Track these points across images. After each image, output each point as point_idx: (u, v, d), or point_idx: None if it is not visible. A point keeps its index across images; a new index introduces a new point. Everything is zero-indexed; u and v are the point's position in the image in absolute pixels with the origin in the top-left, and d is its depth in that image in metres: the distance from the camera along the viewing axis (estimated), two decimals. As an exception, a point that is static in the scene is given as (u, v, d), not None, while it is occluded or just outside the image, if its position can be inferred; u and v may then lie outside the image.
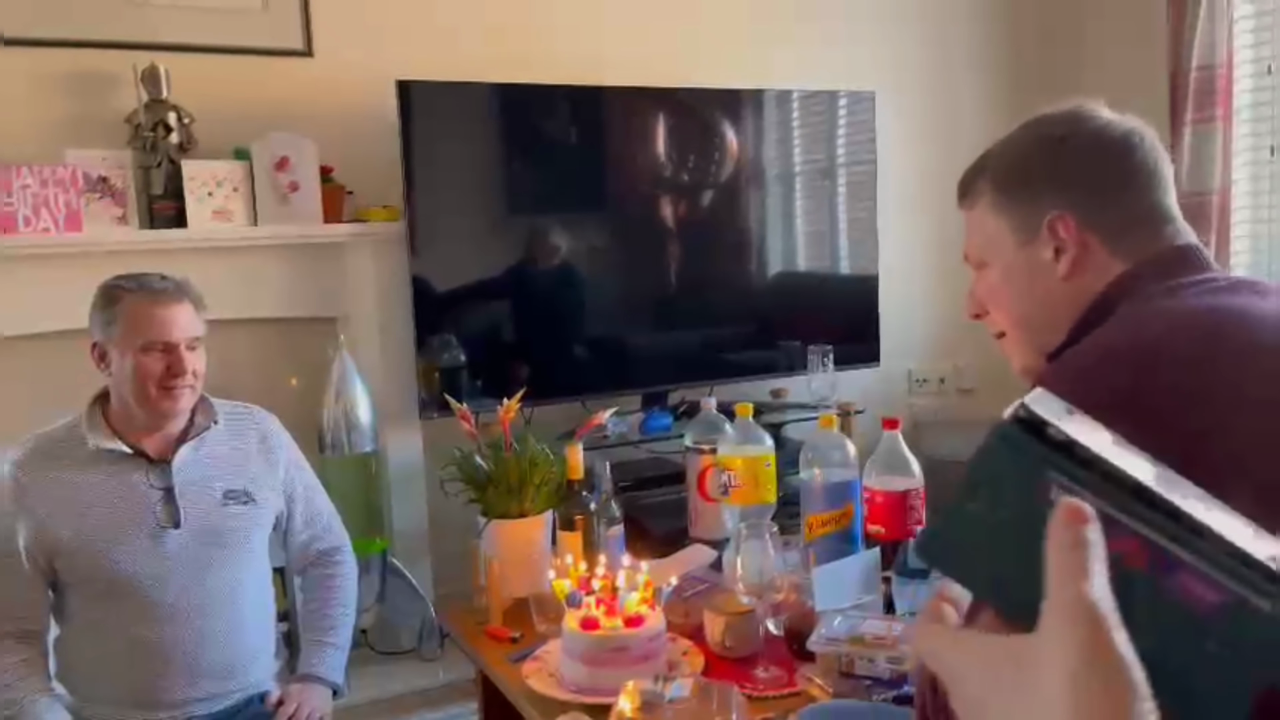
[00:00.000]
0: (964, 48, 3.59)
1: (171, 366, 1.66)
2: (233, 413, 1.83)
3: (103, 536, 1.64)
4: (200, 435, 1.74)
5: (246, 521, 1.74)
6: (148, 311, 1.67)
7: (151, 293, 1.69)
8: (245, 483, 1.76)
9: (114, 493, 1.67)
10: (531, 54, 2.84)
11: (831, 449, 1.72)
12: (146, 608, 1.65)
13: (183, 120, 2.41)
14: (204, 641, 1.68)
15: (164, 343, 1.66)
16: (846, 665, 1.35)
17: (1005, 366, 4.18)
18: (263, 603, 1.80)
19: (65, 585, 1.69)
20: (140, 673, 1.67)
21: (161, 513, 1.67)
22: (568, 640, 1.46)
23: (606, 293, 2.94)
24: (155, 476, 1.69)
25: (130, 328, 1.66)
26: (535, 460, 1.76)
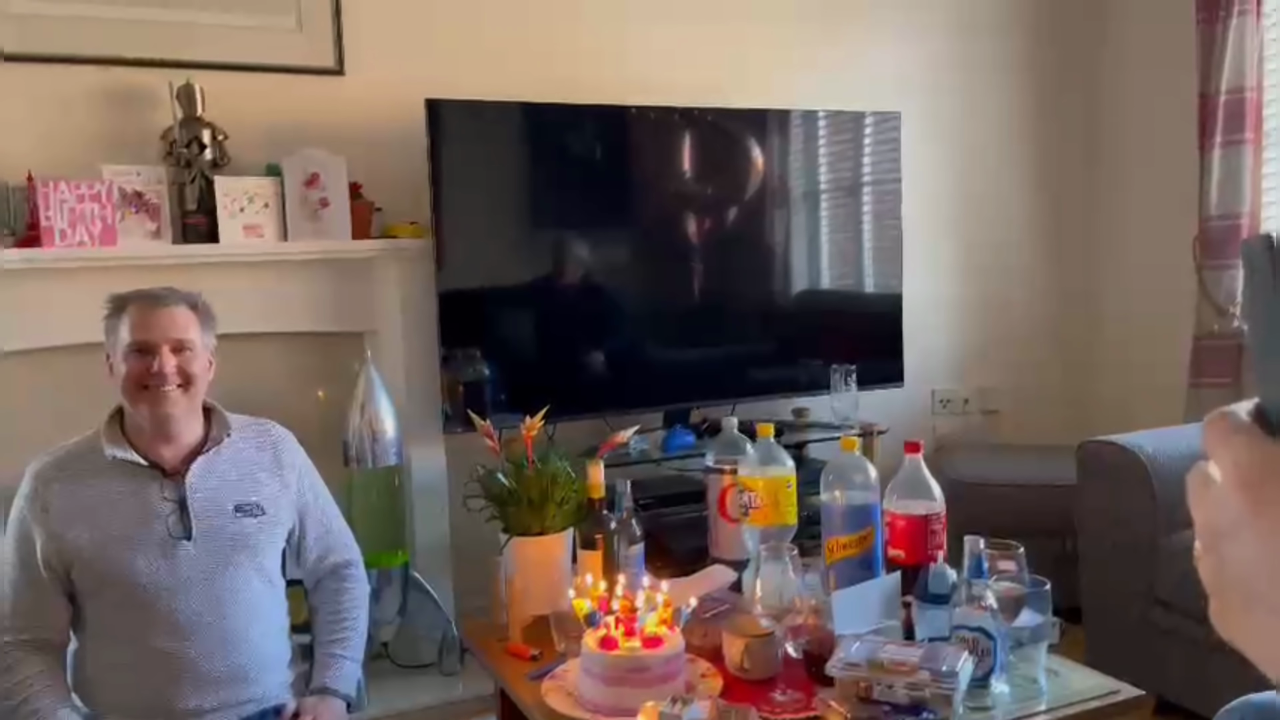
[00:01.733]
0: (989, 69, 3.59)
1: (149, 366, 1.67)
2: (247, 426, 1.85)
3: (118, 546, 1.66)
4: (214, 449, 1.76)
5: (258, 534, 1.75)
6: (137, 317, 1.70)
7: (148, 299, 1.72)
8: (257, 496, 1.77)
9: (129, 503, 1.69)
10: (558, 74, 2.87)
11: (853, 472, 1.72)
12: (160, 618, 1.66)
13: (216, 137, 2.46)
14: (217, 652, 1.69)
15: (143, 343, 1.68)
16: (865, 690, 1.35)
17: (1030, 389, 4.18)
18: (276, 615, 1.80)
19: (82, 595, 1.70)
20: (154, 682, 1.68)
21: (174, 524, 1.69)
22: (587, 660, 1.46)
23: (630, 310, 2.95)
24: (169, 489, 1.71)
25: (124, 333, 1.70)
26: (557, 478, 1.77)
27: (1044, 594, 1.51)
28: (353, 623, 1.87)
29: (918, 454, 1.67)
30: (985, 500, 2.97)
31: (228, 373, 2.59)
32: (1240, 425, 0.44)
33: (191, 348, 1.73)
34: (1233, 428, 0.44)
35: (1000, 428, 3.65)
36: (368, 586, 1.96)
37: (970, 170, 3.59)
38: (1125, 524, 2.41)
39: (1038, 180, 3.71)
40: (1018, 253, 3.69)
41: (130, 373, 1.68)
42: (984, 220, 3.62)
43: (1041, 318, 3.73)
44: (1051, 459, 3.18)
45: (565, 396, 2.73)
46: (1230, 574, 0.45)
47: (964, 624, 1.44)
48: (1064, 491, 2.86)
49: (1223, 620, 0.45)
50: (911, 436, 2.09)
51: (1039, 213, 3.72)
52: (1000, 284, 3.66)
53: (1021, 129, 3.67)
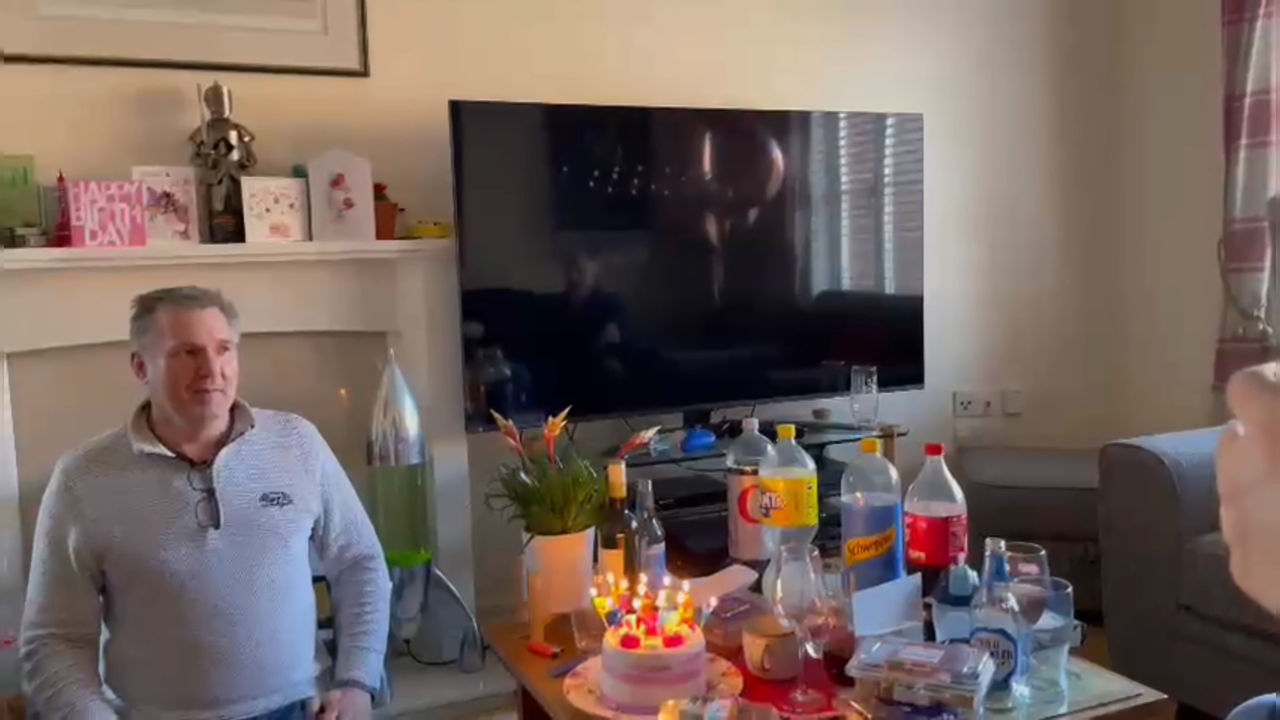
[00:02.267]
0: (1012, 70, 3.58)
1: (200, 369, 1.71)
2: (271, 419, 1.88)
3: (148, 537, 1.69)
4: (240, 438, 1.79)
5: (284, 523, 1.78)
6: (175, 318, 1.73)
7: (180, 300, 1.75)
8: (283, 486, 1.80)
9: (158, 495, 1.72)
10: (581, 75, 2.89)
11: (874, 473, 1.72)
12: (189, 608, 1.69)
13: (243, 138, 2.49)
14: (245, 642, 1.71)
15: (190, 345, 1.72)
16: (885, 691, 1.35)
17: (1052, 392, 4.16)
18: (303, 607, 1.83)
19: (114, 587, 1.73)
20: (183, 672, 1.70)
21: (202, 513, 1.72)
22: (609, 658, 1.47)
23: (651, 311, 2.97)
24: (197, 479, 1.74)
25: (160, 334, 1.72)
26: (579, 478, 1.78)
27: (1065, 597, 1.51)
28: (376, 616, 1.90)
29: (939, 455, 1.68)
30: (1007, 503, 2.96)
31: (253, 371, 2.62)
32: (1265, 383, 0.45)
33: (231, 348, 1.78)
34: (1258, 385, 0.46)
35: (1022, 430, 3.64)
36: (389, 581, 1.98)
37: (993, 171, 3.58)
38: (1148, 528, 2.40)
39: (1061, 181, 3.69)
40: (1040, 254, 3.67)
41: (178, 375, 1.72)
42: (1006, 221, 3.61)
43: (1064, 320, 3.71)
44: (1074, 462, 3.16)
45: (586, 396, 2.74)
46: (1252, 527, 0.46)
47: (985, 626, 1.44)
48: (1086, 495, 2.85)
49: (1244, 573, 0.46)
50: (932, 439, 2.09)
51: (1062, 214, 3.71)
52: (1022, 286, 3.64)
53: (1044, 130, 3.65)
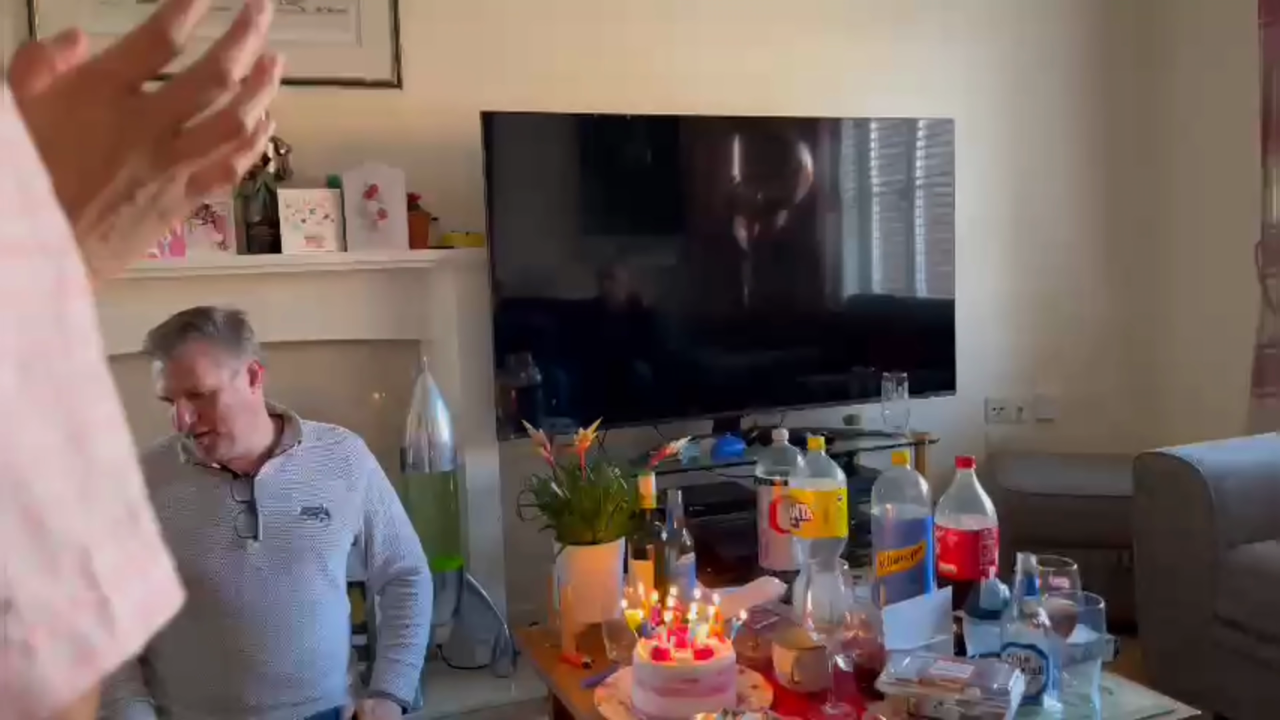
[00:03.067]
0: (1045, 74, 3.55)
1: (180, 413, 1.71)
2: (319, 433, 1.90)
3: (188, 544, 1.72)
4: (285, 453, 1.82)
5: (322, 538, 1.81)
6: (165, 366, 1.72)
7: (162, 346, 1.72)
8: (323, 501, 1.83)
9: (201, 503, 1.76)
10: (611, 85, 2.90)
11: (904, 485, 1.72)
12: (226, 616, 1.73)
13: (280, 150, 2.53)
14: (278, 652, 1.74)
15: (164, 395, 1.72)
16: (915, 706, 1.35)
17: (1086, 398, 4.12)
18: (337, 619, 1.85)
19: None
20: (218, 679, 1.74)
21: (242, 524, 1.76)
22: (640, 670, 1.49)
23: (681, 318, 2.98)
24: (238, 490, 1.77)
25: (161, 383, 1.73)
26: (609, 489, 1.80)
27: (1098, 611, 1.50)
28: (416, 629, 1.92)
29: (970, 468, 1.67)
30: (1040, 511, 2.93)
31: (288, 379, 2.67)
32: None
33: (204, 391, 1.71)
34: None
35: (1054, 437, 3.60)
36: (431, 596, 2.00)
37: (1024, 174, 3.55)
38: (1183, 538, 2.38)
39: (1095, 186, 3.66)
40: (1073, 258, 3.64)
41: (180, 422, 1.73)
42: (1038, 225, 3.58)
43: (1098, 325, 3.68)
44: (1108, 470, 3.13)
45: (616, 403, 2.76)
46: None
47: (1016, 641, 1.44)
48: (1121, 503, 2.82)
49: None
50: (963, 445, 2.09)
51: (1096, 219, 3.67)
52: (1055, 290, 3.61)
53: (1077, 133, 3.62)
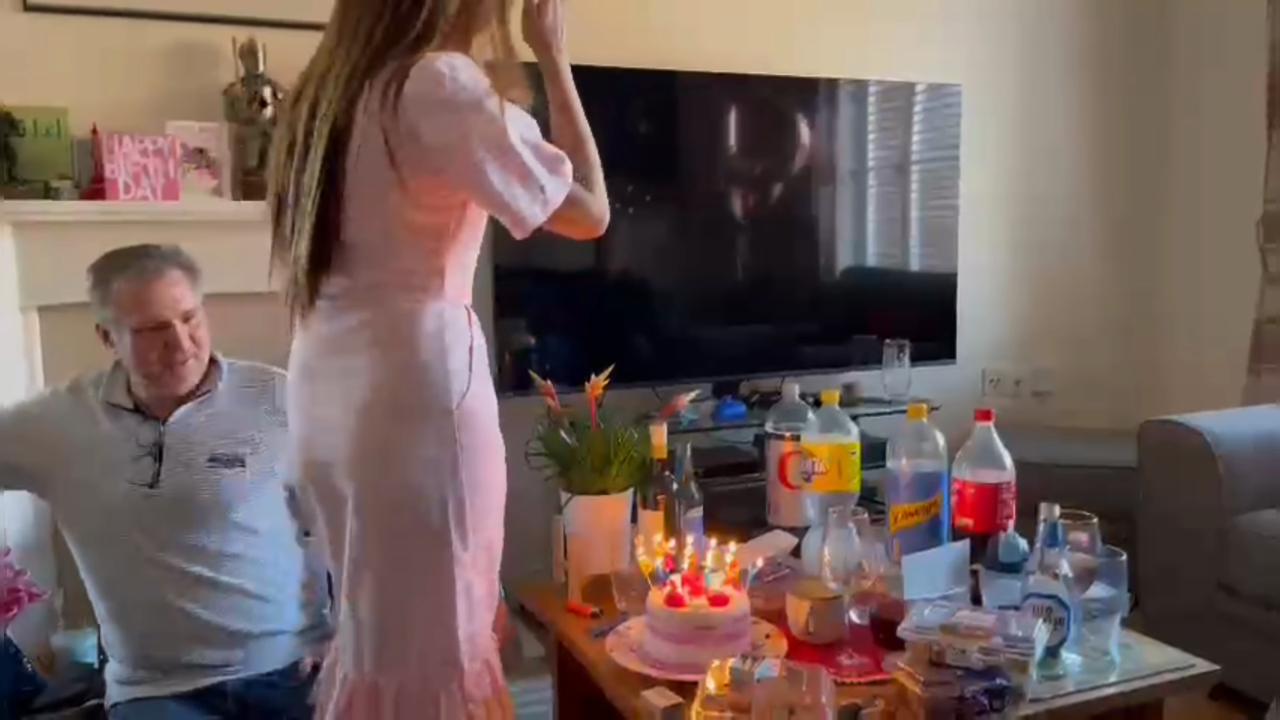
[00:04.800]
0: (1051, 43, 3.52)
1: (169, 343, 1.68)
2: (247, 374, 1.83)
3: (90, 482, 1.68)
4: (204, 396, 1.75)
5: (231, 487, 1.72)
6: (135, 294, 1.67)
7: (138, 273, 1.68)
8: (240, 449, 1.74)
9: (110, 443, 1.70)
10: (607, 37, 2.83)
11: (920, 439, 1.69)
12: (135, 567, 1.67)
13: (277, 95, 2.46)
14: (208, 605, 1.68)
15: (155, 321, 1.67)
16: (937, 655, 1.33)
17: (1084, 371, 4.11)
18: (269, 570, 1.76)
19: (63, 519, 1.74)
20: (153, 634, 1.70)
21: (143, 471, 1.69)
22: (654, 617, 1.46)
23: (680, 281, 2.93)
24: (145, 434, 1.71)
25: (122, 309, 1.67)
26: (619, 438, 1.76)
27: (1119, 565, 1.48)
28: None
29: (989, 422, 1.65)
30: (1036, 481, 2.90)
31: (280, 331, 2.61)
32: None
33: (196, 314, 1.73)
34: None
35: (1052, 409, 3.60)
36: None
37: (1027, 144, 3.52)
38: (1188, 506, 2.37)
39: (1098, 159, 3.64)
40: (1074, 231, 3.63)
41: (144, 352, 1.67)
42: (1040, 196, 3.56)
43: (1097, 298, 3.67)
44: (1105, 441, 3.13)
45: (615, 364, 2.71)
46: None
47: (1037, 592, 1.41)
48: (1118, 475, 2.81)
49: None
50: (961, 416, 2.06)
51: (1098, 192, 3.66)
52: (1055, 262, 3.60)
53: (1082, 105, 3.60)
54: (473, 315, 1.42)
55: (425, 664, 1.33)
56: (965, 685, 1.30)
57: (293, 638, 1.78)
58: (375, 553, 1.32)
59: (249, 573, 1.73)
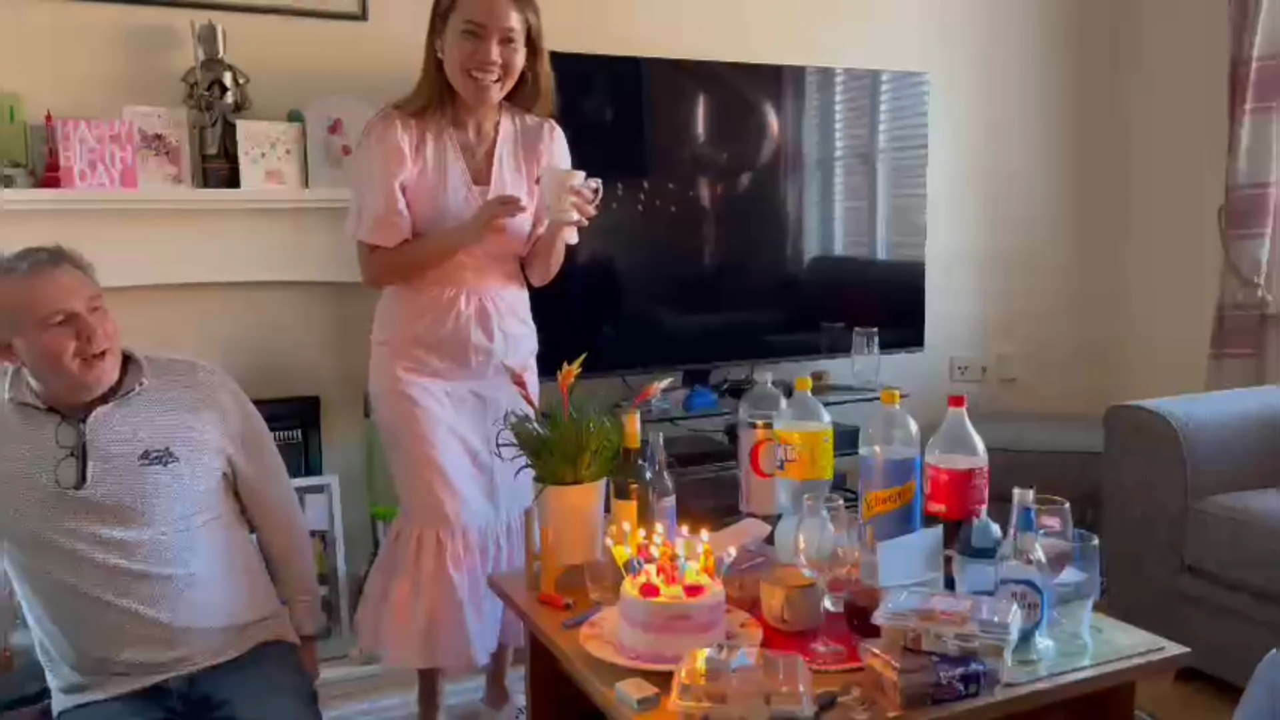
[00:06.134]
0: (1016, 31, 3.54)
1: (81, 333, 1.58)
2: (168, 369, 1.75)
3: (8, 486, 1.60)
4: (124, 395, 1.67)
5: (166, 484, 1.66)
6: (33, 288, 1.57)
7: (27, 270, 1.59)
8: (169, 442, 1.67)
9: (26, 444, 1.62)
10: (581, 22, 2.81)
11: (893, 426, 1.69)
12: (70, 569, 1.61)
13: (238, 80, 2.41)
14: (133, 603, 1.62)
15: (64, 313, 1.57)
16: (913, 641, 1.33)
17: (1049, 358, 4.15)
18: (203, 564, 1.69)
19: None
20: (85, 637, 1.64)
21: (67, 472, 1.61)
22: (628, 607, 1.44)
23: (649, 269, 2.92)
24: (64, 435, 1.62)
25: (21, 309, 1.57)
26: (592, 427, 1.74)
27: (1091, 549, 1.49)
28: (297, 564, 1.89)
29: (961, 407, 1.65)
30: (1003, 468, 2.91)
31: (244, 322, 2.58)
32: None
33: (100, 304, 1.64)
34: None
35: (1017, 396, 3.63)
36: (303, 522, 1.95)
37: (991, 132, 3.54)
38: (1154, 490, 2.40)
39: (1063, 147, 3.67)
40: (1039, 218, 3.66)
41: (60, 348, 1.57)
42: (1004, 184, 3.58)
43: (1062, 285, 3.70)
44: (1070, 427, 3.16)
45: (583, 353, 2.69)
46: None
47: (1011, 577, 1.42)
48: (1083, 459, 2.85)
49: None
50: (930, 403, 2.07)
51: (1063, 180, 3.69)
52: (1020, 250, 3.63)
53: (1047, 94, 3.62)
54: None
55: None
56: (941, 671, 1.30)
57: (240, 628, 1.73)
58: None
59: (188, 565, 1.67)
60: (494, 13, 1.91)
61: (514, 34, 1.94)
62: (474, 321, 2.03)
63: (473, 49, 1.92)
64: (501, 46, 1.93)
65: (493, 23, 1.91)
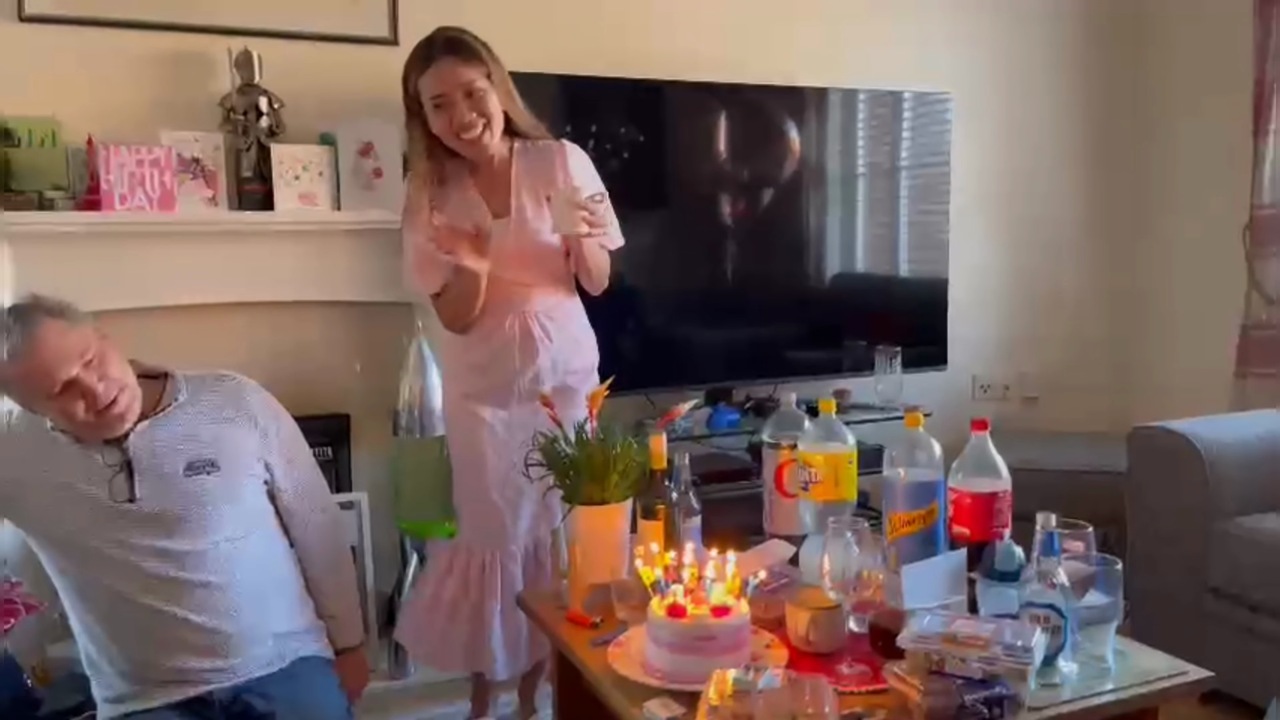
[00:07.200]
0: (1039, 51, 3.56)
1: (86, 394, 1.59)
2: (203, 383, 1.80)
3: (60, 503, 1.65)
4: (162, 412, 1.72)
5: (213, 492, 1.70)
6: (20, 373, 1.58)
7: (15, 349, 1.58)
8: (211, 452, 1.72)
9: (74, 462, 1.66)
10: (604, 47, 2.86)
11: (917, 448, 1.71)
12: (121, 580, 1.65)
13: (273, 105, 2.47)
14: (181, 610, 1.66)
15: (61, 384, 1.58)
16: (937, 664, 1.34)
17: (1072, 377, 4.15)
18: (249, 573, 1.73)
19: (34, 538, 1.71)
20: (134, 646, 1.68)
21: (118, 488, 1.65)
22: (655, 627, 1.46)
23: (673, 289, 2.95)
24: (109, 455, 1.66)
25: (21, 393, 1.62)
26: (619, 448, 1.77)
27: (1114, 573, 1.50)
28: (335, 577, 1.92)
29: (984, 432, 1.66)
30: (1024, 486, 2.92)
31: (278, 340, 2.62)
32: None
33: (91, 352, 1.62)
34: None
35: (1040, 415, 3.63)
36: (344, 531, 2.04)
37: (1017, 153, 3.56)
38: (1178, 511, 2.40)
39: (1086, 166, 3.68)
40: (1062, 237, 3.66)
41: (69, 414, 1.60)
42: (1027, 202, 3.60)
43: (1085, 304, 3.71)
44: (1093, 447, 3.16)
45: (608, 373, 2.71)
46: None
47: (1035, 601, 1.43)
48: (1107, 479, 2.84)
49: None
50: (952, 422, 2.09)
51: (1087, 198, 3.69)
52: (1043, 269, 3.63)
53: (1071, 114, 3.63)
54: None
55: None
56: (964, 694, 1.31)
57: (282, 639, 1.77)
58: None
59: (235, 574, 1.72)
60: (446, 80, 2.05)
61: (474, 87, 2.06)
62: (516, 345, 2.14)
63: (448, 117, 2.07)
64: (469, 101, 2.06)
65: (450, 88, 2.05)
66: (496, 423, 2.18)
